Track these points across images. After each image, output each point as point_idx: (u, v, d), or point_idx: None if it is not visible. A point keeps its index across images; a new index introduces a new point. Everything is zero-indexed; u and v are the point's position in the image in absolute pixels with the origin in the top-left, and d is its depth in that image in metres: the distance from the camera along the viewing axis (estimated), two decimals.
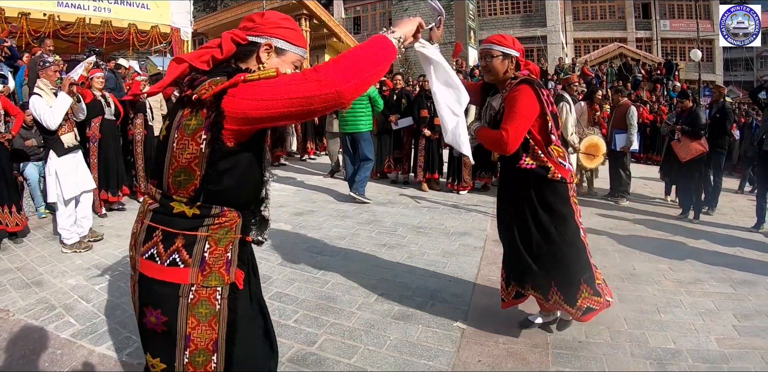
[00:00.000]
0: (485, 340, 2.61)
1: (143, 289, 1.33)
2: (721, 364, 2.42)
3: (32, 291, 3.23)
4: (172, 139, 1.29)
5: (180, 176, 1.28)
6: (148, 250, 1.31)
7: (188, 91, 1.27)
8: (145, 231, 1.33)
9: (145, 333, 1.37)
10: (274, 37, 1.37)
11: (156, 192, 1.34)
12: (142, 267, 1.32)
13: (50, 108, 3.76)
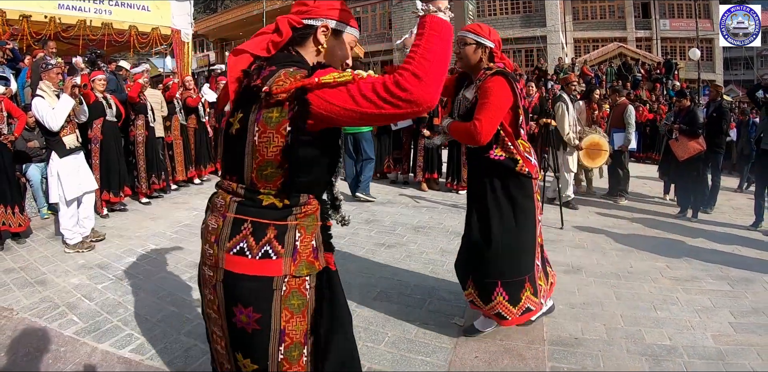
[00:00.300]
0: (483, 337, 2.64)
1: (231, 288, 1.28)
2: (717, 361, 2.44)
3: (36, 290, 3.28)
4: (253, 133, 1.24)
5: (266, 170, 1.25)
6: (236, 245, 1.26)
7: (258, 81, 1.24)
8: (231, 225, 1.28)
9: (234, 333, 1.31)
10: (329, 19, 1.34)
11: (238, 187, 1.30)
12: (229, 264, 1.27)
13: (52, 110, 3.80)
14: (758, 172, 5.49)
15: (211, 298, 1.33)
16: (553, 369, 2.36)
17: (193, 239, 4.37)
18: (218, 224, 1.30)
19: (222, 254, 1.27)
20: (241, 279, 1.26)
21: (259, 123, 1.23)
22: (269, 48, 1.30)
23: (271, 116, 1.21)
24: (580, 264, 3.88)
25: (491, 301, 2.44)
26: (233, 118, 1.30)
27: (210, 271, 1.31)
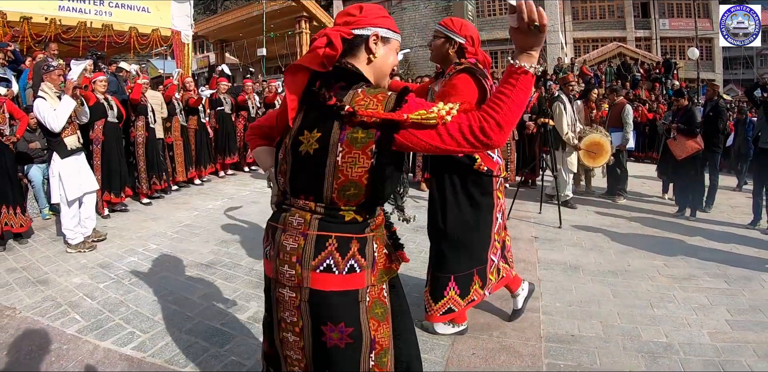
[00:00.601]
0: (479, 334, 2.67)
1: (319, 306, 1.27)
2: (713, 358, 2.46)
3: (38, 289, 3.31)
4: (336, 153, 1.23)
5: (349, 190, 1.26)
6: (322, 263, 1.26)
7: (333, 100, 1.24)
8: (314, 242, 1.27)
9: (322, 353, 1.31)
10: (378, 27, 1.36)
11: (316, 206, 1.29)
12: (316, 282, 1.26)
13: (54, 111, 3.83)
14: (756, 171, 5.51)
15: (293, 320, 1.32)
16: (550, 366, 2.39)
17: (193, 239, 4.40)
18: (299, 243, 1.29)
19: (307, 273, 1.27)
20: (330, 296, 1.26)
21: (343, 143, 1.23)
22: (325, 63, 1.28)
23: (356, 137, 1.22)
24: (578, 262, 3.91)
25: (443, 297, 2.49)
26: (304, 137, 1.28)
27: (292, 292, 1.30)
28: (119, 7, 8.62)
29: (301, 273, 1.27)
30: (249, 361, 2.39)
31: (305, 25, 15.96)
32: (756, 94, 5.97)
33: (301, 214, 1.31)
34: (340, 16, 1.38)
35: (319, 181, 1.26)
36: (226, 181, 7.38)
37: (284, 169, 1.34)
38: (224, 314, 2.90)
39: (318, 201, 1.29)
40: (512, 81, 1.23)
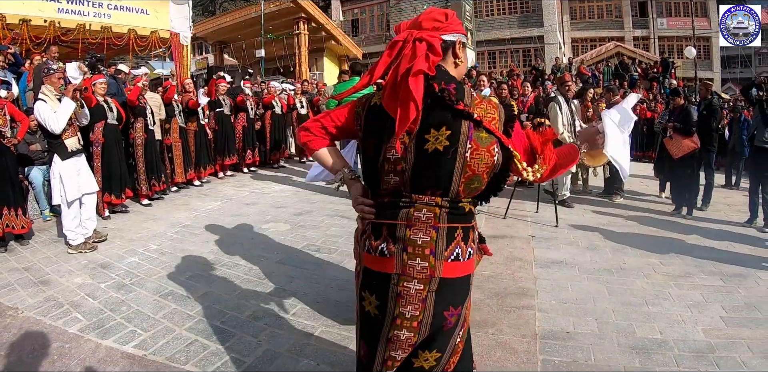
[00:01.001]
0: (475, 331, 2.70)
1: (447, 294, 1.38)
2: (708, 354, 2.49)
3: (40, 290, 3.34)
4: (465, 149, 1.35)
5: (474, 184, 1.39)
6: (452, 253, 1.38)
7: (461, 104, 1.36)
8: (446, 234, 1.39)
9: (439, 334, 1.40)
10: (461, 34, 1.45)
11: (442, 200, 1.39)
12: (448, 271, 1.37)
13: (54, 113, 3.87)
14: (752, 169, 5.54)
15: (414, 314, 1.37)
16: (545, 362, 2.42)
17: (193, 240, 4.43)
18: (431, 236, 1.38)
19: (440, 264, 1.36)
20: (455, 283, 1.39)
21: (471, 141, 1.35)
22: (431, 67, 1.35)
23: (481, 136, 1.37)
24: (574, 261, 3.94)
25: None
26: (431, 135, 1.36)
27: (420, 285, 1.37)
28: (118, 9, 8.64)
29: (434, 264, 1.36)
30: (248, 358, 2.43)
31: (303, 26, 15.98)
32: (752, 93, 6.01)
33: (429, 208, 1.39)
34: (427, 21, 1.42)
35: (448, 176, 1.36)
36: (225, 182, 7.41)
37: (402, 168, 1.38)
38: (224, 313, 2.93)
39: (444, 195, 1.39)
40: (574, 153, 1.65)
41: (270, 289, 3.29)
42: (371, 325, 1.46)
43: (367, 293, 1.46)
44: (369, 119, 1.45)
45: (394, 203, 1.42)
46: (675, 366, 2.39)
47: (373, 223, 1.46)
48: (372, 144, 1.44)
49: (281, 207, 5.64)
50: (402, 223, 1.39)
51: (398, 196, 1.42)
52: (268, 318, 2.86)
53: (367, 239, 1.47)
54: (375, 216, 1.45)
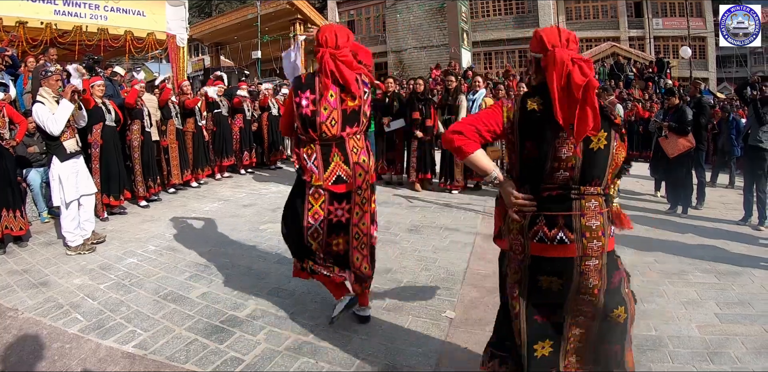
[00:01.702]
0: (472, 329, 2.74)
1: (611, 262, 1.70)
2: (702, 350, 2.52)
3: (39, 291, 3.35)
4: (612, 147, 1.68)
5: (616, 173, 1.76)
6: (611, 231, 1.71)
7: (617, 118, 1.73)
8: (607, 217, 1.70)
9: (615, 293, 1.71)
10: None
11: (601, 190, 1.70)
12: (610, 245, 1.69)
13: (53, 115, 3.88)
14: (746, 168, 5.59)
15: (595, 283, 1.67)
16: None
17: (191, 241, 4.45)
18: (600, 221, 1.67)
19: (607, 241, 1.66)
20: (613, 251, 1.71)
21: (615, 140, 1.69)
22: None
23: (621, 137, 1.72)
24: None
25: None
26: (595, 136, 1.66)
27: (596, 260, 1.65)
28: (114, 11, 8.64)
29: (605, 242, 1.66)
30: (247, 356, 2.45)
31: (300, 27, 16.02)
32: (746, 92, 6.06)
33: (595, 198, 1.68)
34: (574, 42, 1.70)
35: (604, 168, 1.68)
36: (223, 183, 7.43)
37: (573, 165, 1.64)
38: (223, 312, 2.96)
39: (599, 185, 1.69)
40: None
41: (268, 288, 3.31)
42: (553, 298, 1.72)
43: (545, 276, 1.69)
44: (525, 123, 1.68)
45: (564, 196, 1.67)
46: (669, 362, 2.42)
47: (545, 215, 1.67)
48: (531, 145, 1.66)
49: (278, 208, 5.57)
50: (576, 214, 1.65)
51: (567, 188, 1.66)
52: (266, 317, 2.89)
53: (539, 230, 1.67)
54: (544, 209, 1.67)
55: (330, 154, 2.50)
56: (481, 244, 4.30)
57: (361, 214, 2.61)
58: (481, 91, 6.61)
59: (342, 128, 2.48)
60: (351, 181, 2.52)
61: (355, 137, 2.56)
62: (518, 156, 1.71)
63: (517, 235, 1.73)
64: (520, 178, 1.73)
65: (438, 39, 21.25)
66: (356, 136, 2.56)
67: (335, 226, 2.56)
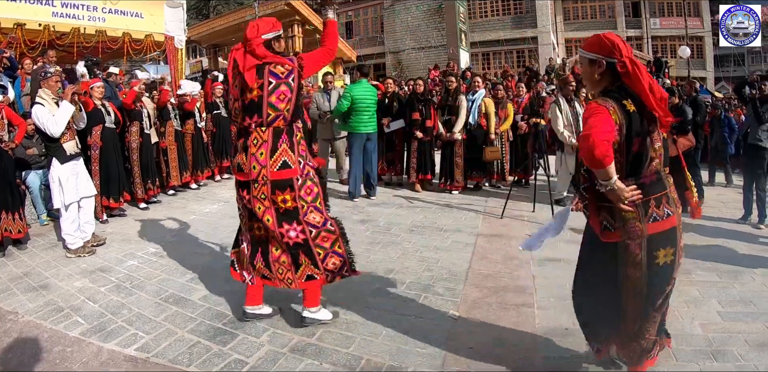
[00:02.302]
0: (475, 329, 2.74)
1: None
2: (705, 348, 2.52)
3: (39, 294, 3.33)
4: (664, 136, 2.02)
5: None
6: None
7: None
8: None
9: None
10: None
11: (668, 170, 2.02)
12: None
13: (53, 116, 3.87)
14: (746, 167, 5.59)
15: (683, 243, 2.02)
16: (545, 358, 2.45)
17: (191, 242, 4.44)
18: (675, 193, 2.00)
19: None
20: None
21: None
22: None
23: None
24: (571, 259, 3.92)
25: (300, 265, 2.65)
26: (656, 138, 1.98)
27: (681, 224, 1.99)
28: (112, 13, 8.62)
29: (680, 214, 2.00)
30: (251, 359, 2.44)
31: (298, 28, 16.01)
32: (745, 91, 6.07)
33: (670, 176, 2.02)
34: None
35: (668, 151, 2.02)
36: (222, 185, 7.42)
37: (660, 153, 1.97)
38: (225, 315, 2.94)
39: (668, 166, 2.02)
40: None
41: (270, 290, 3.28)
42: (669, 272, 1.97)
43: (662, 250, 1.93)
44: (632, 123, 1.86)
45: (658, 179, 1.95)
46: (674, 360, 2.41)
47: (653, 198, 1.92)
48: (638, 141, 1.88)
49: None
50: (671, 190, 1.97)
51: (659, 173, 1.95)
52: (269, 319, 2.87)
53: (652, 212, 1.92)
54: (649, 194, 1.91)
55: (240, 142, 2.63)
56: (483, 244, 4.30)
57: (264, 210, 2.59)
58: (481, 92, 6.61)
59: (243, 118, 2.58)
60: (247, 171, 2.57)
61: (260, 129, 2.55)
62: (626, 154, 1.90)
63: (635, 223, 1.91)
64: (627, 173, 1.91)
65: (436, 40, 21.27)
66: (261, 129, 2.55)
67: (249, 211, 2.66)
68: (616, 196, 1.84)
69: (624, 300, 2.02)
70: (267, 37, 2.52)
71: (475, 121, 6.52)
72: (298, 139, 2.60)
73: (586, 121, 1.87)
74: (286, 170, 2.53)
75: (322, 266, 2.61)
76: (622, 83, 1.92)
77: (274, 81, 2.48)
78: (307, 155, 2.66)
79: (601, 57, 1.93)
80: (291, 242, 2.59)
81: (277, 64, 2.50)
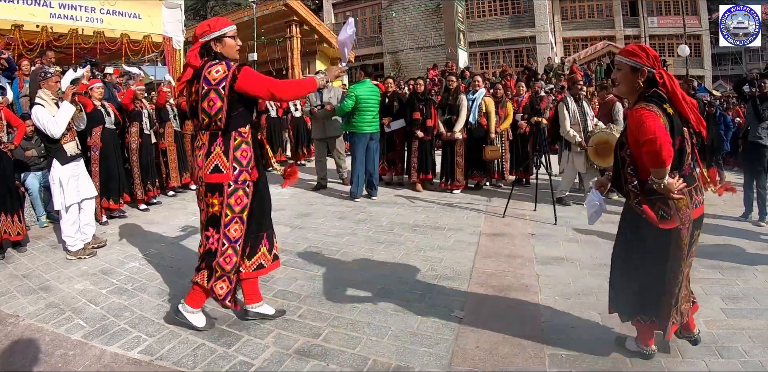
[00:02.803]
0: (482, 328, 2.72)
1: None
2: (710, 344, 2.52)
3: (40, 296, 3.30)
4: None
5: None
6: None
7: None
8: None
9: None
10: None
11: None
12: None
13: (53, 117, 3.84)
14: (746, 165, 5.60)
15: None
16: (552, 356, 2.44)
17: (193, 243, 4.40)
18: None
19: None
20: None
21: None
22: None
23: None
24: (574, 257, 3.96)
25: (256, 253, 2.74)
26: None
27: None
28: (110, 14, 8.62)
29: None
30: (257, 360, 2.42)
31: (296, 29, 16.00)
32: (745, 89, 6.07)
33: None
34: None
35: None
36: None
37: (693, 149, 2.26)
38: (229, 316, 2.92)
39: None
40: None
41: (274, 291, 3.28)
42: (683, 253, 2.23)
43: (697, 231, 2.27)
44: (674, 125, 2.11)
45: (692, 171, 2.24)
46: (680, 357, 2.42)
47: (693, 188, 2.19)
48: (679, 139, 2.13)
49: (280, 210, 5.63)
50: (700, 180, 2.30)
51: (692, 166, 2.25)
52: (273, 320, 2.85)
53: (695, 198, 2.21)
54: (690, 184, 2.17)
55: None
56: (486, 243, 4.29)
57: (201, 210, 2.68)
58: (481, 91, 6.60)
59: (192, 121, 2.68)
60: (193, 172, 2.67)
61: (200, 132, 2.58)
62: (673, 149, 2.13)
63: (686, 209, 2.17)
64: (672, 167, 2.10)
65: (434, 39, 21.28)
66: (201, 132, 2.58)
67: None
68: (669, 189, 2.08)
69: (668, 277, 2.25)
70: (204, 40, 2.51)
71: (475, 121, 6.51)
72: (236, 144, 2.53)
73: (641, 126, 2.01)
74: (217, 174, 2.53)
75: (210, 284, 2.59)
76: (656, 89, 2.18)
77: (205, 87, 2.45)
78: (251, 163, 2.59)
79: (646, 66, 2.18)
80: (204, 248, 2.64)
81: (211, 69, 2.44)
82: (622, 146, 2.26)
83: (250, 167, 2.59)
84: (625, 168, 2.24)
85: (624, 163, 2.25)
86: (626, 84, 2.26)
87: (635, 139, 2.08)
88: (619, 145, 2.30)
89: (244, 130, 2.57)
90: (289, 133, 9.67)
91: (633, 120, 2.09)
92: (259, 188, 2.68)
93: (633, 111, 2.14)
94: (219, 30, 2.51)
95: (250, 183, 2.60)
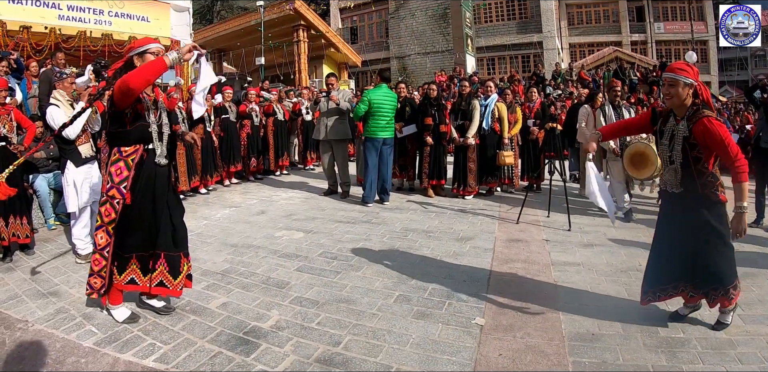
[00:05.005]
0: (503, 335, 2.66)
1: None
2: (729, 350, 2.50)
3: (50, 301, 3.22)
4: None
5: None
6: None
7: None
8: None
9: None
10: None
11: None
12: None
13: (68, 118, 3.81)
14: (757, 171, 5.52)
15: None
16: (575, 364, 2.39)
17: (205, 248, 4.35)
18: None
19: None
20: None
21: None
22: None
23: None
24: (590, 263, 3.91)
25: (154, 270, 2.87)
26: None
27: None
28: (119, 17, 8.61)
29: None
30: (277, 369, 2.35)
31: (303, 33, 16.03)
32: (756, 95, 6.02)
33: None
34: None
35: None
36: (232, 190, 7.35)
37: None
38: (246, 323, 2.85)
39: None
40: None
41: (291, 297, 3.21)
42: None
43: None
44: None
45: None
46: (700, 363, 2.38)
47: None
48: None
49: (292, 214, 5.59)
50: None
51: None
52: (292, 327, 2.79)
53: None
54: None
55: None
56: (501, 249, 4.22)
57: None
58: (494, 96, 6.55)
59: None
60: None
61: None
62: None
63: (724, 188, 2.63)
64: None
65: (441, 45, 21.31)
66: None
67: None
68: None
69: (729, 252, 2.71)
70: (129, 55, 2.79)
71: (489, 126, 6.45)
72: (113, 160, 2.70)
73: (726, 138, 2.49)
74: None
75: (89, 280, 2.81)
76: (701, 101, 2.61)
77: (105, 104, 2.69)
78: (124, 183, 2.68)
79: (693, 81, 2.59)
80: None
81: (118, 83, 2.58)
82: (693, 147, 2.60)
83: (123, 186, 2.68)
84: (700, 165, 2.61)
85: (698, 161, 2.61)
86: (679, 98, 2.62)
87: (714, 144, 2.51)
88: (689, 147, 2.62)
89: (126, 149, 2.70)
90: (298, 136, 9.63)
91: (712, 127, 2.50)
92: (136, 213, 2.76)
93: (706, 120, 2.52)
94: (143, 46, 2.76)
95: (120, 201, 2.68)
